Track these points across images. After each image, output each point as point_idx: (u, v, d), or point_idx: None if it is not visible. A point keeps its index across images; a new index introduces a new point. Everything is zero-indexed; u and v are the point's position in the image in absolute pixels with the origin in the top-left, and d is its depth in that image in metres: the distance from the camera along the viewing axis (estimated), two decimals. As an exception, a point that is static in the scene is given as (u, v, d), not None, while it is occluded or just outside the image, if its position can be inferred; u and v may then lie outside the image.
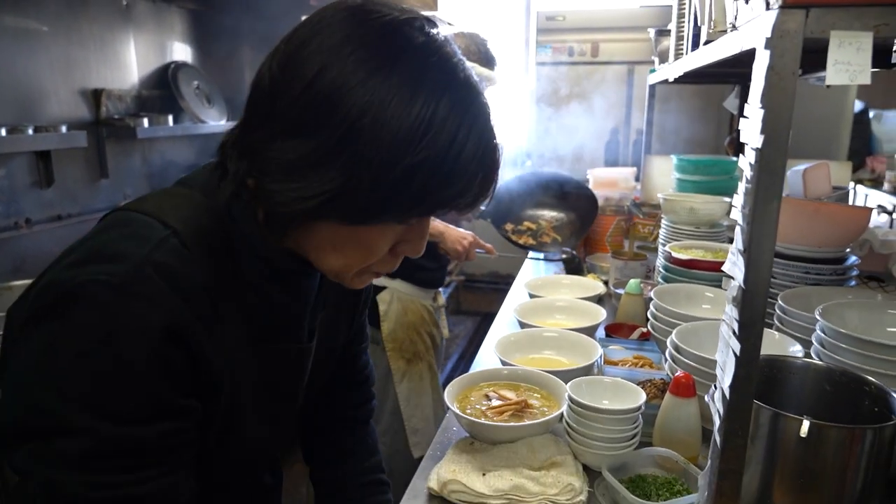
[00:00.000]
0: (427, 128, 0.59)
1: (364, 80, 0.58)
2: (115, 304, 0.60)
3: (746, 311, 0.76)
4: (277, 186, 0.62)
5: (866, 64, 0.67)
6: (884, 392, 0.93)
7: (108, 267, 0.61)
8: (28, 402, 0.60)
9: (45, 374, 0.59)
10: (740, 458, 0.83)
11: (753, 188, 0.73)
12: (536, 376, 1.27)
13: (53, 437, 0.59)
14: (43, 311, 0.61)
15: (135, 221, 0.67)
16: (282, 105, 0.61)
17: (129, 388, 0.60)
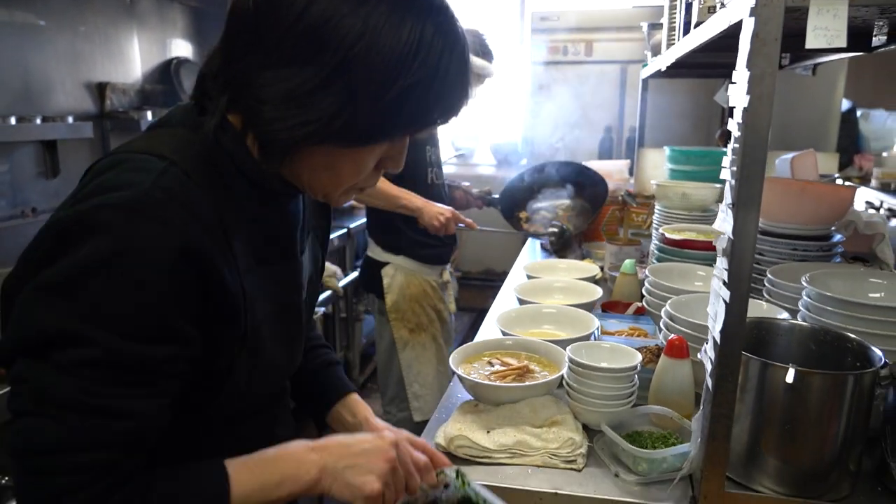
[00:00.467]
0: (417, 51, 0.64)
1: (354, 9, 0.62)
2: (128, 225, 0.62)
3: (735, 261, 0.82)
4: (277, 114, 0.65)
5: (842, 29, 0.73)
6: (864, 347, 0.99)
7: (116, 194, 0.63)
8: (35, 316, 0.62)
9: (55, 289, 0.62)
10: (731, 403, 0.89)
11: (741, 146, 0.80)
12: (537, 345, 1.32)
13: (57, 346, 0.61)
14: (52, 245, 0.63)
15: (130, 159, 0.68)
16: (272, 35, 0.64)
17: (139, 306, 0.63)
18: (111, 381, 0.63)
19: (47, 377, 0.62)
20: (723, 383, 0.88)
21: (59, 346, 0.61)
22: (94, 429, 0.62)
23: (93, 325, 0.61)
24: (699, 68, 2.37)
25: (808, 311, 1.17)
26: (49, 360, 0.62)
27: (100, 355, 0.62)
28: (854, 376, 0.90)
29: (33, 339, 0.62)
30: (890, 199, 3.72)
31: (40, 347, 0.62)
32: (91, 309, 0.62)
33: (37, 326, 0.62)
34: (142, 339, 0.64)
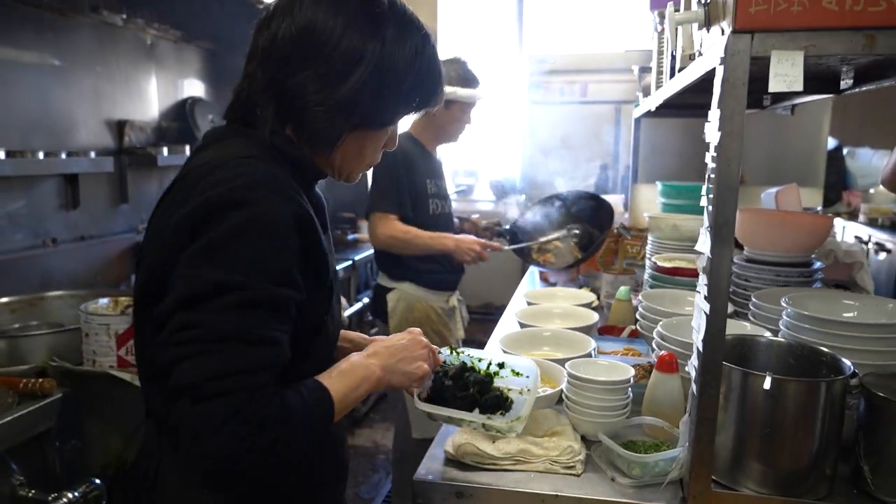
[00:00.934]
0: (416, 60, 0.93)
1: (374, 33, 0.89)
2: (261, 197, 0.81)
3: (714, 277, 0.92)
4: (329, 115, 0.89)
5: (799, 75, 0.85)
6: (836, 360, 1.09)
7: (243, 178, 0.82)
8: (198, 274, 0.78)
9: (211, 252, 0.79)
10: (714, 408, 0.99)
11: (716, 177, 0.91)
12: (538, 363, 1.41)
13: (215, 294, 0.77)
14: (198, 223, 0.81)
15: (226, 162, 0.86)
16: (317, 57, 0.87)
17: (273, 259, 0.81)
18: (261, 317, 0.80)
19: (215, 319, 0.77)
20: (706, 389, 0.97)
21: (220, 293, 0.78)
22: (254, 355, 0.78)
23: (244, 274, 0.79)
24: (687, 108, 2.51)
25: (788, 329, 1.27)
26: (213, 307, 0.77)
27: (251, 297, 0.79)
28: (826, 383, 1.00)
29: (199, 293, 0.78)
30: (878, 234, 3.84)
31: (205, 298, 0.78)
32: (241, 263, 0.79)
33: (201, 281, 0.78)
34: (277, 283, 0.81)
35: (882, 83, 1.38)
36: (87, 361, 1.65)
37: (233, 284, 0.78)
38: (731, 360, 1.07)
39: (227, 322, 0.77)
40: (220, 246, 0.79)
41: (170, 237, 0.83)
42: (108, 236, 2.76)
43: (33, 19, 2.35)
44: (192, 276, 0.79)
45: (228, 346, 0.77)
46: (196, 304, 0.77)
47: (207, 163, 0.87)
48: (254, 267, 0.79)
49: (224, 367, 0.76)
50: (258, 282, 0.79)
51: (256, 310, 0.79)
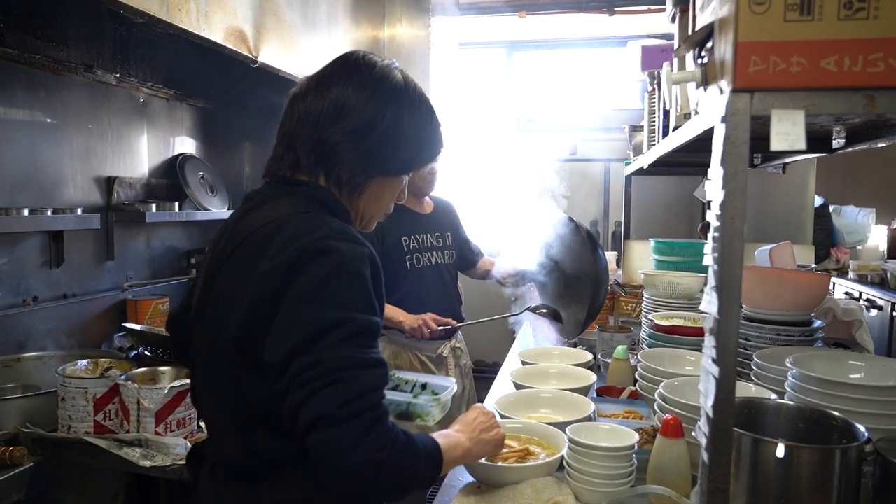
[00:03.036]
0: (425, 120, 1.13)
1: (390, 101, 1.08)
2: (344, 244, 0.96)
3: (721, 339, 0.88)
4: (360, 164, 1.07)
5: (801, 134, 0.84)
6: (848, 424, 1.05)
7: (321, 230, 0.97)
8: (307, 318, 0.91)
9: (312, 296, 0.92)
10: (726, 476, 0.93)
11: (720, 235, 0.89)
12: (537, 427, 1.36)
13: (327, 332, 0.89)
14: (293, 270, 0.93)
15: (290, 218, 1.00)
16: (347, 119, 1.05)
17: (363, 293, 0.95)
18: (367, 343, 0.93)
19: (332, 355, 0.89)
20: (717, 457, 0.92)
21: (330, 331, 0.90)
22: (372, 377, 0.91)
23: (345, 310, 0.92)
24: (678, 166, 2.54)
25: (794, 391, 1.23)
26: (326, 344, 0.89)
27: (357, 328, 0.92)
28: (841, 450, 0.95)
29: (312, 335, 0.90)
30: (868, 291, 3.85)
31: (318, 338, 0.89)
32: (341, 301, 0.92)
33: (313, 325, 0.90)
34: (369, 312, 0.95)
35: (874, 143, 1.39)
36: (61, 427, 1.57)
37: (339, 321, 0.90)
38: (739, 424, 1.02)
39: (342, 355, 0.89)
40: (320, 289, 0.92)
41: (260, 287, 0.95)
42: (92, 294, 2.69)
43: (26, 77, 2.36)
44: (301, 321, 0.91)
45: (349, 374, 0.88)
46: (311, 347, 0.89)
47: (273, 220, 1.01)
48: (351, 303, 0.93)
49: (350, 394, 0.87)
50: (357, 315, 0.92)
51: (361, 339, 0.92)
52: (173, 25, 1.92)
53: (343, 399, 0.87)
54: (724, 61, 0.89)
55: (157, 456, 1.51)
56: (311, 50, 3.01)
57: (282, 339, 0.92)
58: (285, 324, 0.92)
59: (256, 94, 3.38)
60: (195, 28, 2.02)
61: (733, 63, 0.85)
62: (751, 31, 0.85)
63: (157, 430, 1.56)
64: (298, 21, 2.90)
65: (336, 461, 0.87)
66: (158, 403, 1.56)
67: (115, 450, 1.48)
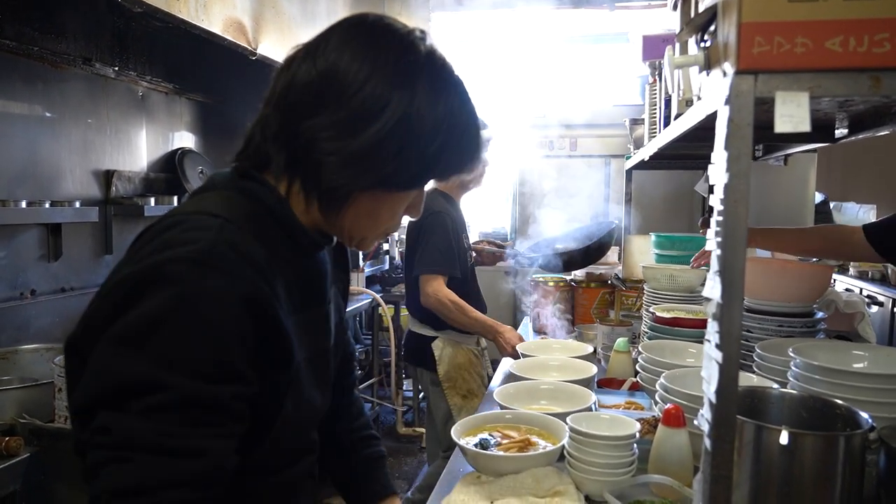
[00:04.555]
0: (449, 116, 0.79)
1: (402, 84, 0.77)
2: (197, 275, 0.68)
3: (725, 324, 0.87)
4: (341, 167, 0.77)
5: (805, 116, 0.83)
6: (852, 412, 1.04)
7: (185, 248, 0.70)
8: (111, 368, 0.67)
9: (128, 340, 0.67)
10: (729, 464, 0.92)
11: (724, 218, 0.88)
12: (537, 418, 1.35)
13: (131, 393, 0.66)
14: (122, 298, 0.69)
15: (187, 219, 0.75)
16: (337, 101, 0.76)
17: (207, 350, 0.68)
18: (185, 422, 0.67)
19: (127, 424, 0.66)
20: (720, 444, 0.91)
21: (136, 393, 0.66)
22: (172, 468, 0.66)
23: (166, 370, 0.66)
24: (679, 159, 2.53)
25: (797, 380, 1.22)
26: (128, 409, 0.66)
27: (174, 399, 0.66)
28: (845, 437, 0.94)
29: (111, 390, 0.67)
30: (869, 287, 3.84)
31: (119, 397, 0.66)
32: (164, 355, 0.67)
33: (114, 377, 0.67)
34: (211, 380, 0.69)
35: (878, 131, 1.38)
36: (58, 418, 1.56)
37: (151, 383, 0.66)
38: (743, 413, 1.01)
39: (145, 429, 0.65)
40: (144, 332, 0.67)
41: (100, 303, 0.72)
42: (90, 288, 2.68)
43: (24, 70, 2.35)
44: (111, 367, 0.67)
45: (143, 457, 0.65)
46: (114, 403, 0.66)
47: (174, 215, 0.78)
48: (178, 360, 0.67)
49: (135, 482, 0.65)
50: (182, 380, 0.67)
51: (180, 413, 0.67)
52: (172, 16, 1.91)
53: (123, 488, 0.65)
54: (727, 43, 0.88)
55: (154, 447, 1.50)
56: (310, 43, 3.00)
57: (88, 380, 0.69)
58: (95, 359, 0.69)
59: (256, 88, 3.38)
60: (194, 19, 2.01)
61: (737, 44, 0.84)
62: (755, 12, 0.84)
63: (155, 421, 1.55)
64: (298, 14, 2.89)
65: None
66: (156, 394, 1.54)
67: (112, 441, 1.47)
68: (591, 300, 2.54)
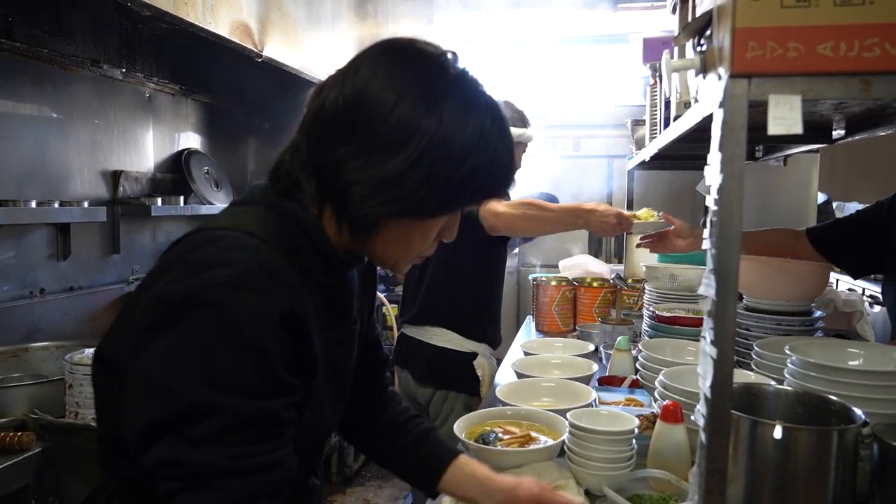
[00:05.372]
0: (479, 139, 0.78)
1: (432, 107, 0.77)
2: (236, 299, 0.70)
3: (720, 321, 0.90)
4: (369, 194, 0.77)
5: (797, 118, 0.85)
6: (846, 408, 1.06)
7: (221, 271, 0.71)
8: (163, 396, 0.68)
9: (177, 366, 0.69)
10: (724, 458, 0.94)
11: (718, 218, 0.90)
12: (538, 414, 1.37)
13: (192, 420, 0.67)
14: (160, 320, 0.70)
15: (224, 236, 0.77)
16: (365, 128, 0.77)
17: (255, 368, 0.70)
18: (250, 440, 0.70)
19: (194, 455, 0.68)
20: (715, 438, 0.93)
21: (197, 420, 0.68)
22: (246, 486, 0.69)
23: (223, 394, 0.68)
24: (680, 160, 2.55)
25: (794, 377, 1.24)
26: (188, 437, 0.68)
27: (236, 420, 0.69)
28: (838, 431, 0.97)
29: (167, 419, 0.68)
30: (871, 287, 3.85)
31: (180, 425, 0.68)
32: (218, 380, 0.69)
33: (172, 405, 0.68)
34: (265, 396, 0.71)
35: (874, 132, 1.40)
36: (69, 414, 1.59)
37: (206, 408, 0.68)
38: (739, 409, 1.03)
39: (206, 458, 0.68)
40: (189, 356, 0.69)
41: (133, 316, 0.75)
42: (98, 287, 2.72)
43: (33, 72, 2.38)
44: (158, 395, 0.69)
45: (216, 483, 0.68)
46: (167, 435, 0.68)
47: (212, 229, 0.79)
48: (228, 382, 0.69)
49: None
50: (236, 400, 0.69)
51: (239, 433, 0.69)
52: (179, 19, 1.94)
53: None
54: (722, 48, 0.91)
55: (163, 442, 1.53)
56: (315, 45, 3.03)
57: (136, 410, 0.71)
58: (140, 391, 0.71)
59: (261, 90, 3.41)
60: (201, 21, 2.04)
61: (731, 49, 0.86)
62: (748, 18, 0.86)
63: (164, 417, 1.58)
64: (303, 16, 2.92)
65: None
66: (165, 391, 1.57)
67: (122, 436, 1.50)
68: (593, 299, 2.56)
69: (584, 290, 2.58)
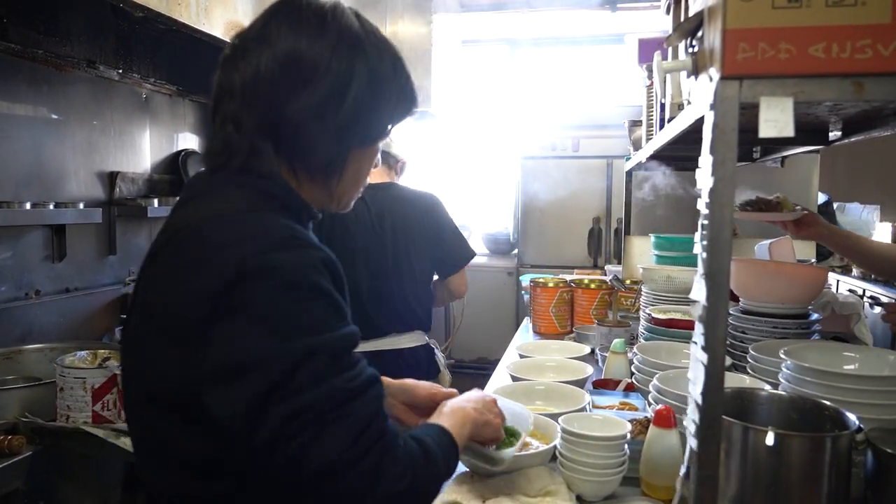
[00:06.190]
0: (395, 68, 0.94)
1: (359, 52, 0.89)
2: (286, 258, 0.78)
3: (711, 325, 0.88)
4: (331, 139, 0.88)
5: (789, 121, 0.84)
6: (840, 413, 1.04)
7: (266, 238, 0.79)
8: (272, 352, 0.74)
9: (277, 320, 0.76)
10: (715, 464, 0.93)
11: (709, 221, 0.89)
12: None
13: (297, 372, 0.74)
14: (241, 284, 0.76)
15: (236, 217, 0.83)
16: (308, 82, 0.85)
17: (325, 306, 0.79)
18: (350, 363, 0.80)
19: (312, 396, 0.75)
20: (706, 445, 0.92)
21: (304, 362, 0.75)
22: (370, 401, 0.80)
23: (309, 336, 0.76)
24: (677, 161, 2.54)
25: (788, 382, 1.23)
26: (298, 387, 0.74)
27: (330, 352, 0.77)
28: (831, 438, 0.95)
29: (281, 373, 0.74)
30: (872, 288, 3.83)
31: (291, 375, 0.74)
32: (306, 322, 0.77)
33: (277, 360, 0.74)
34: (342, 323, 0.81)
35: (870, 133, 1.39)
36: (60, 417, 1.58)
37: (310, 349, 0.76)
38: (731, 415, 1.02)
39: (329, 391, 0.76)
40: (273, 316, 0.76)
41: (182, 309, 0.78)
42: (94, 288, 2.71)
43: (29, 73, 2.38)
44: (260, 359, 0.74)
45: (343, 411, 0.76)
46: (285, 389, 0.74)
47: (213, 217, 0.83)
48: (317, 322, 0.78)
49: (352, 432, 0.76)
50: (330, 334, 0.78)
51: (342, 360, 0.79)
52: (173, 20, 1.93)
53: (345, 441, 0.75)
54: (713, 49, 0.89)
55: (154, 446, 1.52)
56: (312, 46, 3.02)
57: (235, 384, 0.74)
58: (234, 363, 0.75)
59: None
60: (194, 22, 2.03)
61: (722, 50, 0.85)
62: (739, 19, 0.85)
63: (156, 420, 1.57)
64: (300, 17, 2.90)
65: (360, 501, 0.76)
66: (156, 394, 1.56)
67: (112, 439, 1.49)
68: (591, 301, 2.54)
69: (581, 291, 2.57)
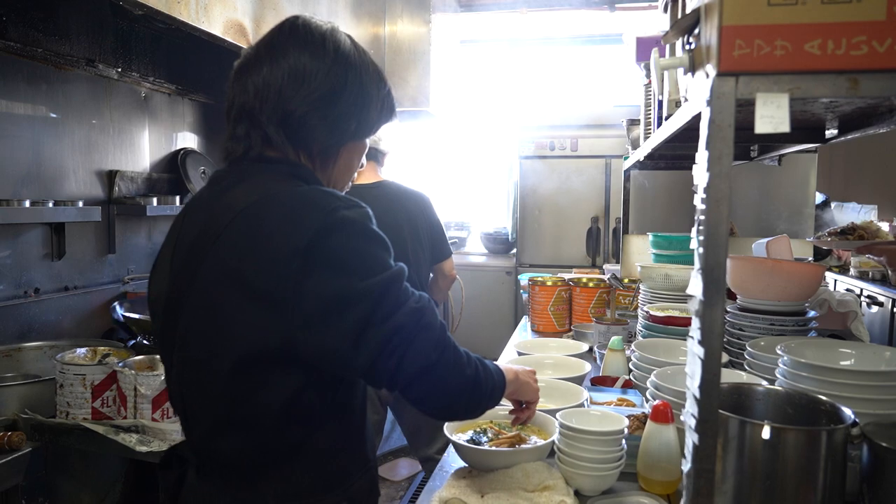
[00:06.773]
0: (377, 74, 1.13)
1: (349, 63, 1.07)
2: (351, 215, 0.96)
3: (707, 320, 0.89)
4: (331, 131, 1.06)
5: (785, 117, 0.85)
6: (836, 408, 1.05)
7: (332, 201, 0.96)
8: (363, 289, 0.92)
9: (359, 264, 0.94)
10: (712, 458, 0.94)
11: (706, 217, 0.89)
12: (528, 414, 1.36)
13: (384, 301, 0.93)
14: (324, 238, 0.93)
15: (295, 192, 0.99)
16: (310, 86, 1.03)
17: (386, 246, 0.99)
18: (412, 290, 0.99)
19: (400, 318, 0.94)
20: (704, 438, 0.93)
21: (388, 292, 0.94)
22: (435, 313, 1.00)
23: (386, 267, 0.96)
24: (675, 160, 2.55)
25: (785, 377, 1.24)
26: (387, 312, 0.93)
27: (400, 276, 0.97)
28: (827, 432, 0.96)
29: (374, 303, 0.93)
30: (869, 287, 3.84)
31: (380, 303, 0.93)
32: (381, 262, 0.96)
33: (369, 294, 0.93)
34: (396, 262, 0.99)
35: (866, 131, 1.39)
36: (59, 414, 1.58)
37: (389, 280, 0.94)
38: (728, 410, 1.03)
39: (411, 310, 0.95)
40: (356, 260, 0.94)
41: (273, 269, 0.92)
42: (93, 287, 2.71)
43: (28, 71, 2.38)
44: (354, 296, 0.92)
45: (425, 321, 0.96)
46: (376, 316, 0.92)
47: (261, 198, 0.98)
48: (385, 260, 0.97)
49: (434, 336, 0.97)
50: (395, 266, 0.97)
51: (406, 289, 0.97)
52: (172, 18, 1.93)
53: (434, 345, 0.96)
54: (709, 46, 0.90)
55: (153, 441, 1.53)
56: (311, 45, 3.02)
57: (331, 322, 0.92)
58: (331, 305, 0.92)
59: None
60: (194, 21, 2.03)
61: (718, 47, 0.86)
62: (735, 15, 0.86)
63: (154, 416, 1.58)
64: (298, 16, 2.91)
65: (444, 392, 0.99)
66: (155, 390, 1.57)
67: (112, 435, 1.50)
68: (589, 299, 2.55)
69: (579, 290, 2.57)
